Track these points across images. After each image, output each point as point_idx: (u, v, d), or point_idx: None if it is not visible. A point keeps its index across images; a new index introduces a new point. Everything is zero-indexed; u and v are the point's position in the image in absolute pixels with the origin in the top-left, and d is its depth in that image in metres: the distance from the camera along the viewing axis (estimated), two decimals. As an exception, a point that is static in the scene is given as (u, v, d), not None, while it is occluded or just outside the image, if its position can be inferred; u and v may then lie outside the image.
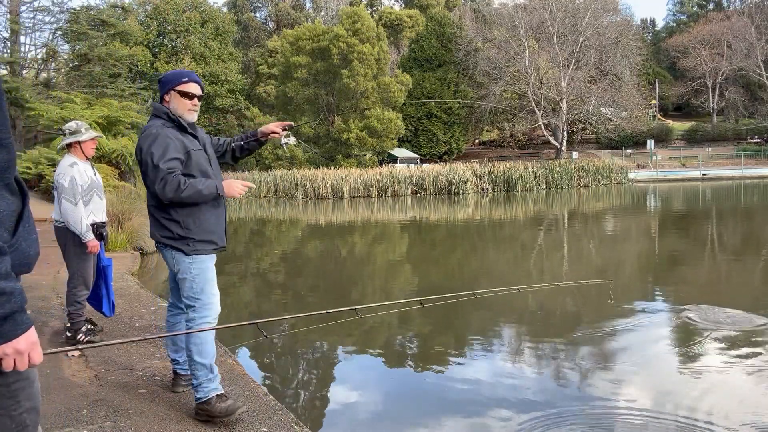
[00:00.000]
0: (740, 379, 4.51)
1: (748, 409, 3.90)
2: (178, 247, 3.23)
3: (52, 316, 5.68)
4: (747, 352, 5.05)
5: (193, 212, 3.24)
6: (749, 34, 51.92)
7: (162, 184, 3.08)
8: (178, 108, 3.28)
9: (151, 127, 3.23)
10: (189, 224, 3.23)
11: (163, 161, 3.10)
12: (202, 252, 3.26)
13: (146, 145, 3.17)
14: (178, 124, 3.28)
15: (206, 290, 3.28)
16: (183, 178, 3.12)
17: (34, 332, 1.36)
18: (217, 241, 3.34)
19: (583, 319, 6.49)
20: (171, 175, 3.09)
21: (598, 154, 46.79)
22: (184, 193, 3.10)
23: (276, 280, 9.98)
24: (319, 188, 30.81)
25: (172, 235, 3.24)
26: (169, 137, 3.17)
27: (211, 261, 3.34)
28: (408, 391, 4.60)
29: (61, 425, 3.20)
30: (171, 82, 3.31)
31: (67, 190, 4.55)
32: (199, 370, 3.21)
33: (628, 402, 4.12)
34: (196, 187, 3.14)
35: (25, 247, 1.39)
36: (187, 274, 3.25)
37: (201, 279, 3.27)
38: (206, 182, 3.19)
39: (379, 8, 71.89)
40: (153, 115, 3.33)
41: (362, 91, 44.38)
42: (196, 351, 3.21)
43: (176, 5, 50.27)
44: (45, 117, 17.28)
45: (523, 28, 48.83)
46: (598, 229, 15.69)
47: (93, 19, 24.10)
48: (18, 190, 1.39)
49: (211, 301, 3.30)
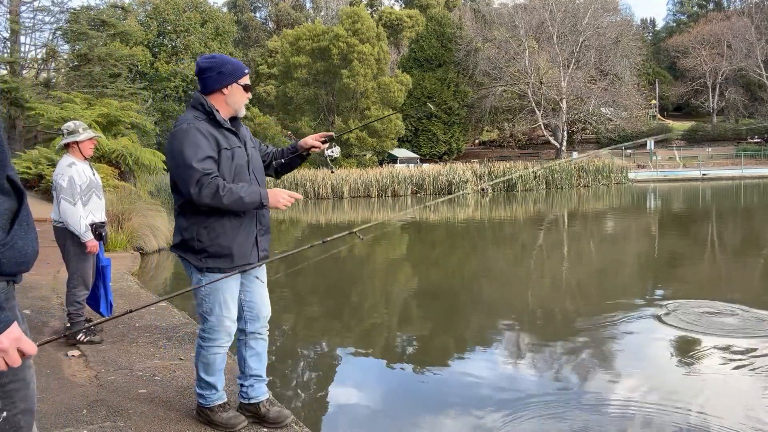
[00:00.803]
0: (737, 378, 4.51)
1: (744, 408, 3.90)
2: (189, 260, 2.93)
3: (52, 316, 5.67)
4: (742, 347, 5.05)
5: (208, 220, 2.86)
6: (749, 34, 51.91)
7: (198, 187, 2.74)
8: (237, 102, 2.96)
9: (183, 121, 2.88)
10: (201, 235, 2.87)
11: (198, 160, 2.76)
12: (214, 270, 2.89)
13: (177, 142, 2.82)
14: (213, 117, 2.91)
15: (216, 311, 2.96)
16: (222, 182, 2.77)
17: (15, 328, 1.35)
18: (236, 257, 2.92)
19: (582, 318, 6.48)
20: (208, 178, 2.75)
21: (598, 154, 46.72)
22: (224, 199, 2.75)
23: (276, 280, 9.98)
24: (319, 188, 30.81)
25: (183, 244, 2.92)
26: (201, 132, 2.82)
27: (230, 282, 2.94)
28: (408, 391, 4.59)
29: (61, 425, 3.20)
30: (234, 74, 2.94)
31: (65, 190, 4.54)
32: (203, 385, 3.13)
33: (624, 400, 4.11)
34: (237, 194, 2.78)
35: (21, 246, 1.38)
36: (198, 290, 2.94)
37: (212, 299, 2.95)
38: (248, 189, 2.83)
39: (379, 8, 71.89)
40: (190, 106, 2.98)
41: (362, 91, 44.37)
42: (202, 368, 3.07)
43: (176, 5, 50.25)
44: (45, 117, 17.27)
45: (523, 28, 48.83)
46: (597, 229, 15.69)
47: (93, 19, 24.08)
48: (12, 190, 1.39)
49: (222, 324, 2.98)
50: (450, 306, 7.46)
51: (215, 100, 2.94)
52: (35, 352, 1.38)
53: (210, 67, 2.93)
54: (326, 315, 7.30)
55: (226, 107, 2.96)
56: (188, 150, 2.77)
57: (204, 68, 2.94)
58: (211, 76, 2.92)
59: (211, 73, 2.92)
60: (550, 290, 8.24)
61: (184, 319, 5.71)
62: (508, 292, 8.31)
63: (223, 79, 2.92)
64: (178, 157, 2.80)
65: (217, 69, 2.92)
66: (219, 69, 2.92)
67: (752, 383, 4.40)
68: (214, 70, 2.92)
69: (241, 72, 2.95)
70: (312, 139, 3.23)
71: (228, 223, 2.88)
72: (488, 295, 8.14)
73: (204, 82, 2.95)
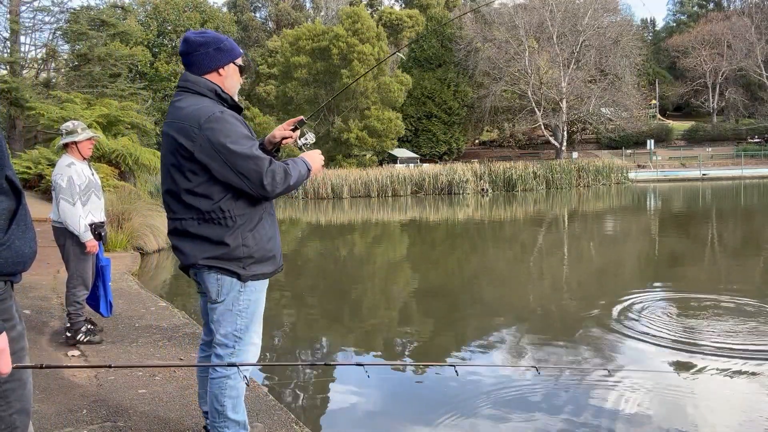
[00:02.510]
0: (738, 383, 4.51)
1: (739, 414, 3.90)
2: (231, 269, 2.47)
3: (52, 316, 5.67)
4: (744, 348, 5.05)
5: (252, 222, 2.49)
6: (749, 34, 51.92)
7: (270, 176, 2.36)
8: (234, 85, 2.57)
9: (206, 108, 2.40)
10: (248, 240, 2.47)
11: (253, 146, 2.39)
12: (260, 277, 2.54)
13: (221, 135, 2.34)
14: (234, 105, 2.54)
15: (252, 327, 2.58)
16: (279, 162, 2.43)
17: (4, 339, 1.35)
18: (278, 259, 2.63)
19: (582, 318, 6.48)
20: (272, 163, 2.38)
21: (598, 154, 46.78)
22: (291, 180, 2.42)
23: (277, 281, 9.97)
24: (319, 188, 30.80)
25: (222, 255, 2.45)
26: (238, 120, 2.44)
27: (266, 288, 2.65)
28: (407, 391, 4.59)
29: (61, 425, 3.19)
30: (233, 52, 2.54)
31: (64, 190, 4.54)
32: (231, 428, 2.56)
33: (624, 399, 4.11)
34: (297, 169, 2.46)
35: (19, 245, 1.38)
36: (234, 305, 2.52)
37: (249, 313, 2.55)
38: (293, 161, 2.49)
39: (379, 8, 71.88)
40: (194, 92, 2.48)
41: (362, 91, 44.38)
42: (231, 406, 2.54)
43: (176, 5, 50.30)
44: (45, 117, 17.27)
45: (523, 28, 48.83)
46: (598, 229, 15.68)
47: (93, 19, 24.07)
48: (10, 190, 1.39)
49: (253, 342, 2.60)
50: (450, 306, 7.45)
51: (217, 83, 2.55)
52: (7, 372, 1.35)
53: (205, 42, 2.49)
54: (326, 315, 7.30)
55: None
56: (241, 139, 2.36)
57: (199, 43, 2.49)
58: (207, 52, 2.48)
59: (207, 49, 2.48)
60: (550, 290, 8.24)
61: (184, 319, 5.71)
62: (508, 292, 8.31)
63: (222, 57, 2.51)
64: (232, 147, 2.33)
65: (214, 45, 2.49)
66: (216, 45, 2.50)
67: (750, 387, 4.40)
68: (210, 45, 2.49)
69: (238, 51, 2.59)
70: (280, 131, 2.72)
71: (267, 221, 2.56)
72: (488, 295, 8.14)
73: (197, 61, 2.49)
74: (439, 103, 50.26)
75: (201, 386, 2.84)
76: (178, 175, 2.45)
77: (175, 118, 2.45)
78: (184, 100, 2.47)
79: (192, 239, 2.48)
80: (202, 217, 2.45)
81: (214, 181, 2.40)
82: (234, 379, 2.53)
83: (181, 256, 2.54)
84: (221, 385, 2.53)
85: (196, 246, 2.48)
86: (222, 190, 2.42)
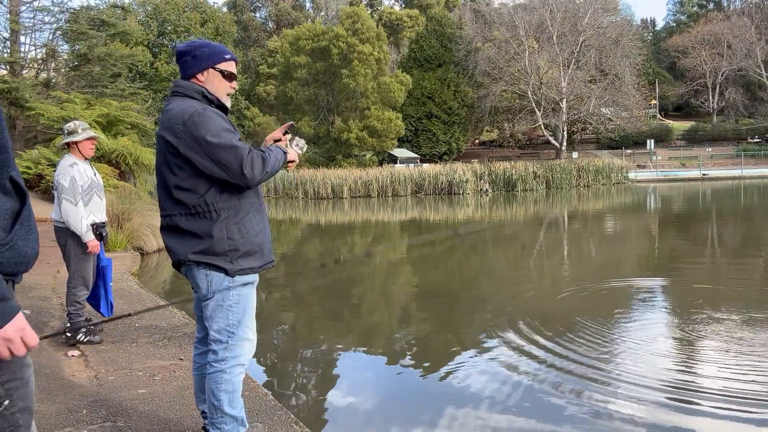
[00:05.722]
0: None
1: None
2: (217, 264, 2.53)
3: (52, 316, 5.67)
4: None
5: (237, 215, 2.56)
6: (749, 34, 51.91)
7: (249, 164, 2.44)
8: (217, 90, 2.65)
9: (190, 106, 2.52)
10: (233, 233, 2.54)
11: (233, 138, 2.48)
12: (247, 271, 2.59)
13: (202, 128, 2.45)
14: (221, 105, 2.65)
15: (244, 322, 2.63)
16: (256, 151, 2.53)
17: (21, 318, 1.38)
18: (266, 254, 2.67)
19: (582, 317, 6.48)
20: (250, 151, 2.48)
21: (598, 154, 46.78)
22: (268, 166, 2.52)
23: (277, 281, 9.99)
24: (319, 188, 30.81)
25: (208, 249, 2.52)
26: (220, 116, 2.55)
27: (256, 283, 2.70)
28: (407, 391, 4.59)
29: (61, 425, 3.20)
30: (210, 58, 2.64)
31: (67, 190, 4.55)
32: (228, 424, 2.61)
33: (625, 398, 4.12)
34: (273, 154, 2.55)
35: (22, 246, 1.39)
36: (224, 300, 2.58)
37: (240, 308, 2.61)
38: (269, 148, 2.60)
39: (379, 8, 71.93)
40: (182, 95, 2.61)
41: (362, 91, 44.38)
42: (227, 401, 2.59)
43: (176, 5, 50.30)
44: (45, 117, 17.27)
45: (523, 28, 48.83)
46: (598, 228, 15.69)
47: (93, 19, 24.06)
48: (14, 190, 1.40)
49: (247, 337, 2.65)
50: (450, 306, 7.46)
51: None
52: (36, 343, 1.41)
53: (185, 51, 2.67)
54: (326, 315, 7.30)
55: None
56: (220, 131, 2.47)
57: (183, 52, 2.68)
58: (186, 60, 2.66)
59: (187, 57, 2.66)
60: (550, 290, 8.24)
61: (184, 319, 5.72)
62: (508, 292, 8.31)
63: (198, 64, 2.64)
64: (212, 140, 2.44)
65: (192, 53, 2.65)
66: (194, 53, 2.65)
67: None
68: (189, 54, 2.66)
69: (220, 56, 2.66)
70: (272, 138, 2.84)
71: (254, 216, 2.63)
72: (488, 295, 8.14)
73: (182, 68, 2.69)
74: (439, 103, 50.25)
75: (197, 385, 2.88)
76: (167, 171, 2.57)
77: (164, 119, 2.60)
78: (172, 103, 2.62)
79: (181, 235, 2.58)
80: (188, 212, 2.54)
81: (198, 175, 2.50)
82: (229, 374, 2.60)
83: (171, 253, 2.63)
84: (217, 380, 2.60)
85: (185, 241, 2.57)
86: (206, 183, 2.52)
